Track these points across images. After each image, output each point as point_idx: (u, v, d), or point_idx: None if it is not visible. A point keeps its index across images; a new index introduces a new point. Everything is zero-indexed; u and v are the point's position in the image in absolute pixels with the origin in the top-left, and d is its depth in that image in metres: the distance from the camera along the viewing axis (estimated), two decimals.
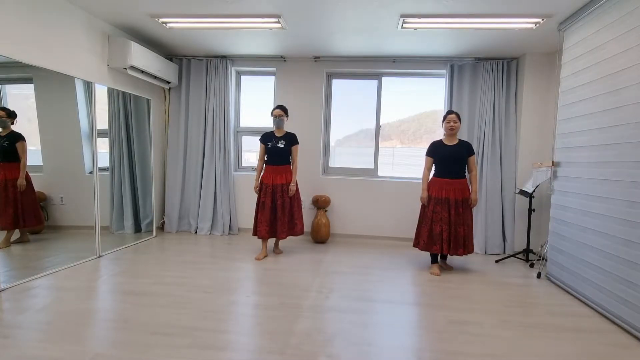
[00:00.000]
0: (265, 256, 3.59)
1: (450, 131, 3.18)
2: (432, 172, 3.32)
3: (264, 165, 3.60)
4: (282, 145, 3.54)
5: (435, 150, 3.26)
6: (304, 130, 4.52)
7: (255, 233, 3.52)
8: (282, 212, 3.48)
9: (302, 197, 4.53)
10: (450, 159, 3.17)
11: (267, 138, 3.60)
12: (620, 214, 2.34)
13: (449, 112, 3.21)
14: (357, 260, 3.61)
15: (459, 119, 3.20)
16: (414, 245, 3.34)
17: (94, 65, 3.42)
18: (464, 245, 3.18)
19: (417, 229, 3.35)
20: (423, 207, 3.32)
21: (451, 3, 2.86)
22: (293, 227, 3.58)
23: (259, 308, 2.41)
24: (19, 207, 2.81)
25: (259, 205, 3.51)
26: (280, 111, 3.55)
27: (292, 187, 3.52)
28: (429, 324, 2.26)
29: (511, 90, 4.10)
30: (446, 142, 3.24)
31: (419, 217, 3.35)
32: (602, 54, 2.60)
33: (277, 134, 3.59)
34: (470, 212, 3.24)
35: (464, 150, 3.19)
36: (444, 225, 3.14)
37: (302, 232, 3.63)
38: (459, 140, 3.25)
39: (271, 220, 3.48)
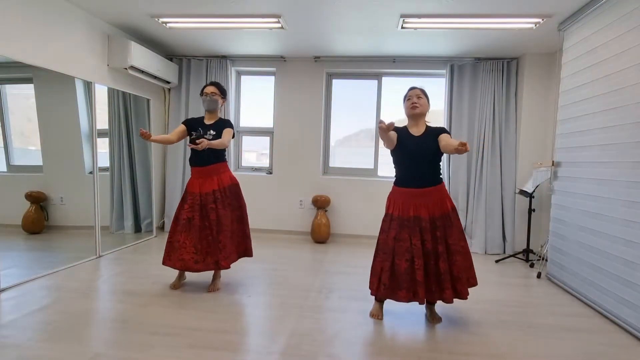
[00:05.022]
0: (181, 283, 2.75)
1: (412, 110, 2.20)
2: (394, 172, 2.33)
3: (191, 168, 2.68)
4: (210, 137, 2.58)
5: (400, 140, 2.20)
6: (304, 130, 4.52)
7: (167, 262, 2.55)
8: (215, 230, 2.55)
9: (301, 197, 4.55)
10: (418, 156, 2.16)
11: (192, 124, 2.68)
12: (620, 214, 2.34)
13: (411, 88, 2.27)
14: (357, 260, 3.61)
15: (426, 97, 2.26)
16: (371, 289, 2.26)
17: (94, 65, 3.42)
18: (454, 285, 2.14)
19: (372, 265, 2.26)
20: (382, 230, 2.25)
21: (451, 3, 2.86)
22: (237, 252, 2.69)
23: (259, 308, 2.41)
24: None
25: (180, 223, 2.55)
26: (214, 88, 2.64)
27: (205, 142, 2.37)
28: (429, 324, 2.26)
29: (511, 90, 4.10)
30: (412, 131, 2.24)
31: (377, 245, 2.26)
32: (602, 54, 2.60)
33: (207, 121, 2.67)
34: (459, 231, 2.18)
35: (434, 140, 2.16)
36: (417, 260, 2.10)
37: (250, 254, 2.78)
38: (427, 126, 2.25)
39: (199, 244, 2.54)
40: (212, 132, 2.63)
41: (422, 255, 2.12)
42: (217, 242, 2.55)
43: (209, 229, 2.56)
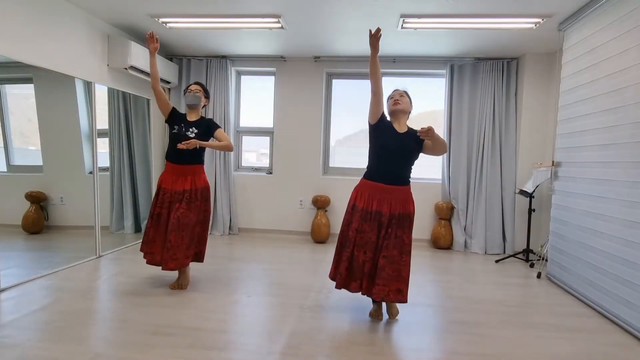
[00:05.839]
0: (187, 283, 2.73)
1: (395, 106, 2.25)
2: (368, 163, 2.39)
3: (166, 163, 2.66)
4: (193, 135, 2.58)
5: (383, 129, 2.26)
6: (304, 130, 4.52)
7: (144, 256, 2.59)
8: (175, 230, 2.49)
9: (301, 197, 4.56)
10: (400, 152, 2.20)
11: (176, 115, 2.66)
12: (620, 214, 2.34)
13: (395, 90, 2.36)
14: None
15: (409, 97, 2.31)
16: (331, 277, 2.33)
17: (94, 65, 3.42)
18: (399, 287, 2.12)
19: (335, 254, 2.34)
20: (346, 222, 2.29)
21: (451, 3, 2.86)
22: (187, 255, 2.57)
23: (259, 308, 2.41)
24: None
25: (153, 217, 2.59)
26: (199, 87, 2.68)
27: (195, 141, 2.48)
28: (430, 324, 2.26)
29: (511, 90, 4.10)
30: (395, 127, 2.27)
31: (339, 236, 2.34)
32: (603, 54, 2.60)
33: (189, 118, 2.66)
34: (409, 235, 2.19)
35: (415, 141, 2.21)
36: (369, 253, 2.17)
37: (199, 260, 2.75)
38: (409, 128, 2.28)
39: (165, 240, 2.54)
40: (194, 129, 2.61)
41: (374, 249, 2.17)
42: (168, 241, 2.50)
43: (168, 226, 2.55)
